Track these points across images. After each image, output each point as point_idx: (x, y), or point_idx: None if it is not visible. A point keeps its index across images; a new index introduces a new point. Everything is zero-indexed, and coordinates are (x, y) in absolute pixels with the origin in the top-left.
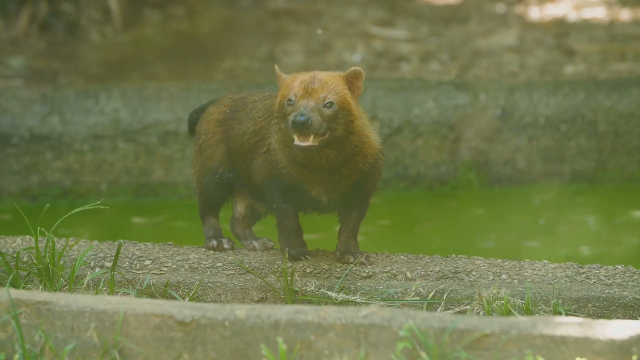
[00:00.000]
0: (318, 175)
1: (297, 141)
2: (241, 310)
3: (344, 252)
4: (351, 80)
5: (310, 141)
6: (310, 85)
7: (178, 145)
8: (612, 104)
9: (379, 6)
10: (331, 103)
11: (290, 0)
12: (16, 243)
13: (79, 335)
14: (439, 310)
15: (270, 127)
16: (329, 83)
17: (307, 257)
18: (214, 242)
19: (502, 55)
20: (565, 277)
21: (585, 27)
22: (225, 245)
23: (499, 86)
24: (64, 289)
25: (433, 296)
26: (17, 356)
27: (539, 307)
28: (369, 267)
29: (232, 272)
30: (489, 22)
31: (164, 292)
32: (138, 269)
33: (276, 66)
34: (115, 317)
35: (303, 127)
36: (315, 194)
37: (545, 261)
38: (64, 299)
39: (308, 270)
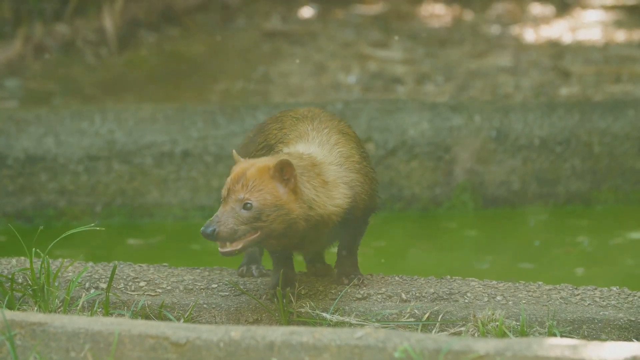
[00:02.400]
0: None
1: (219, 246)
2: (236, 332)
3: (339, 274)
4: (281, 171)
5: (228, 246)
6: (232, 186)
7: (173, 166)
8: (607, 125)
9: (374, 27)
10: (250, 205)
11: (286, 22)
12: (11, 264)
13: (74, 357)
14: (433, 331)
15: None
16: (251, 180)
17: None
18: (243, 268)
19: (497, 77)
20: (560, 298)
21: (580, 49)
22: (254, 272)
23: (494, 107)
24: (59, 310)
25: (428, 317)
26: None
27: (534, 329)
28: (364, 288)
29: (227, 293)
30: (484, 44)
31: (159, 313)
32: (133, 290)
33: (234, 151)
34: (110, 339)
35: (210, 239)
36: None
37: (540, 283)
38: (58, 320)
39: (303, 292)
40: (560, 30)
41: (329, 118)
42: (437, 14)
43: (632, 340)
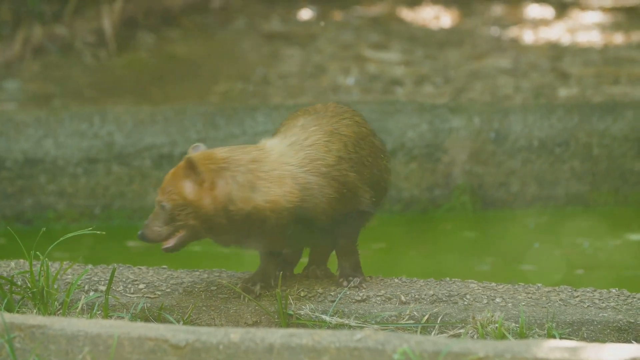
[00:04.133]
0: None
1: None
2: (235, 334)
3: (339, 276)
4: (192, 169)
5: (164, 244)
6: (160, 189)
7: (172, 168)
8: (606, 127)
9: (374, 29)
10: (164, 206)
11: (285, 24)
12: (10, 267)
13: (73, 359)
14: (433, 333)
15: None
16: (167, 182)
17: (256, 294)
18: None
19: (496, 79)
20: (560, 300)
21: (579, 50)
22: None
23: (493, 109)
24: (58, 312)
25: (427, 319)
26: None
27: (533, 331)
28: (363, 290)
29: (226, 295)
30: (483, 46)
31: (158, 315)
32: (132, 293)
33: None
34: (110, 341)
35: (143, 241)
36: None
37: (539, 284)
38: (58, 323)
39: (302, 294)
40: (559, 32)
41: (332, 115)
42: (436, 16)
43: (631, 342)
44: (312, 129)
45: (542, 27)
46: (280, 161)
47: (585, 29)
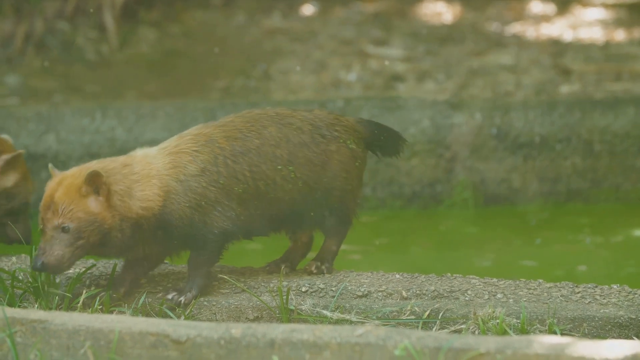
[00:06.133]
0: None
1: None
2: (236, 329)
3: (169, 290)
4: (91, 183)
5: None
6: (44, 215)
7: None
8: (607, 123)
9: (375, 25)
10: (67, 227)
11: (286, 19)
12: (12, 262)
13: (74, 354)
14: (434, 329)
15: None
16: (61, 204)
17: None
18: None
19: (497, 75)
20: (561, 296)
21: (581, 47)
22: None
23: (495, 105)
24: (60, 307)
25: (428, 315)
26: None
27: (535, 327)
28: (364, 286)
29: (227, 290)
30: (485, 42)
31: (160, 310)
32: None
33: (50, 165)
34: (111, 336)
35: (43, 271)
36: None
37: (540, 280)
38: (59, 318)
39: (303, 289)
40: (561, 28)
41: (231, 126)
42: (437, 12)
43: (633, 338)
44: (188, 137)
45: (543, 24)
46: (146, 161)
47: (587, 25)
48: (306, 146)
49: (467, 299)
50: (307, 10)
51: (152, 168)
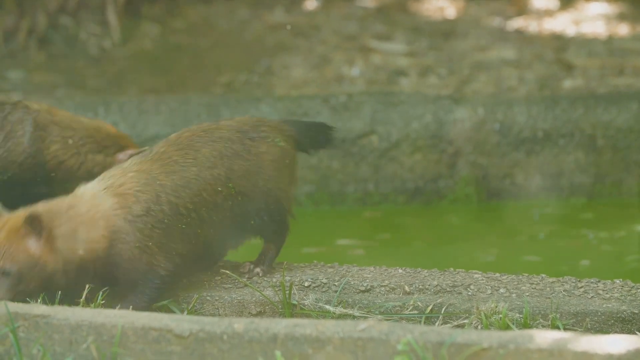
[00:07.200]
0: None
1: None
2: (239, 324)
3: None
4: (32, 226)
5: None
6: None
7: None
8: (610, 118)
9: (378, 20)
10: (7, 272)
11: (289, 14)
12: None
13: (77, 349)
14: (437, 324)
15: None
16: (2, 246)
17: None
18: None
19: (500, 70)
20: (564, 291)
21: (584, 41)
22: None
23: (498, 100)
24: (62, 302)
25: (431, 310)
26: None
27: (537, 322)
28: (367, 280)
29: (230, 285)
30: (488, 37)
31: (162, 305)
32: None
33: None
34: (114, 331)
35: None
36: None
37: (543, 275)
38: (62, 313)
39: (306, 284)
40: (564, 23)
41: (169, 158)
42: (440, 7)
43: (635, 333)
44: (131, 175)
45: (546, 18)
46: (93, 202)
47: (590, 20)
48: (240, 156)
49: (469, 293)
50: (310, 5)
51: (98, 210)
